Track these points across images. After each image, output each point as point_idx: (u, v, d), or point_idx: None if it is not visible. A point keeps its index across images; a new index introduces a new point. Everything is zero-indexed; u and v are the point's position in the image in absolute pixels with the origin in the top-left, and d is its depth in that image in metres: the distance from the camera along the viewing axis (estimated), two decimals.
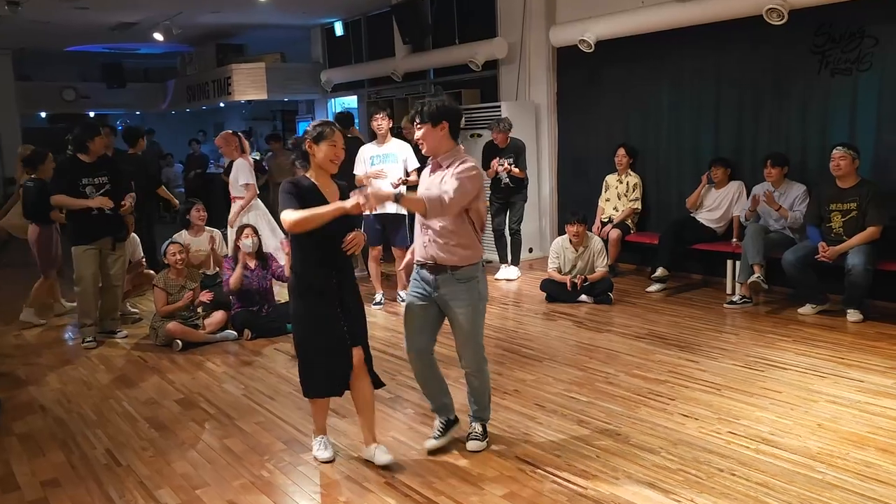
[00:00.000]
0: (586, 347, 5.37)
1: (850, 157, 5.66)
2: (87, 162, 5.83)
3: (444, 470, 3.51)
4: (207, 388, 4.87)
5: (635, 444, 3.69)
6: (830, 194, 5.81)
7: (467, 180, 3.37)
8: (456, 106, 3.57)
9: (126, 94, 15.33)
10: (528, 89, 8.86)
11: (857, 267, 5.49)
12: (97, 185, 5.82)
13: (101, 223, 5.87)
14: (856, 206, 5.66)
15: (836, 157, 5.70)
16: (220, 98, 13.05)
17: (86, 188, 5.79)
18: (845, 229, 5.70)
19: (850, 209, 5.70)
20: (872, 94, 5.95)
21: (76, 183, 5.77)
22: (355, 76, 11.79)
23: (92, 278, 5.91)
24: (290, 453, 3.78)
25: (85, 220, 5.84)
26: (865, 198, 5.62)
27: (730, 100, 6.96)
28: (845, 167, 5.67)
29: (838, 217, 5.75)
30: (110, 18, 11.15)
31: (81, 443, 4.05)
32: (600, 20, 7.60)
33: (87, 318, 5.99)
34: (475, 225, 3.52)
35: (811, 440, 3.64)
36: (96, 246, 5.90)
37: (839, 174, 5.71)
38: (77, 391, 4.92)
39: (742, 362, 4.85)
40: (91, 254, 5.88)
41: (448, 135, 3.48)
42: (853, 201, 5.68)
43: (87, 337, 5.97)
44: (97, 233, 5.89)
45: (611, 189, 7.81)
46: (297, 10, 11.10)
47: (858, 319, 5.64)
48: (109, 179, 5.90)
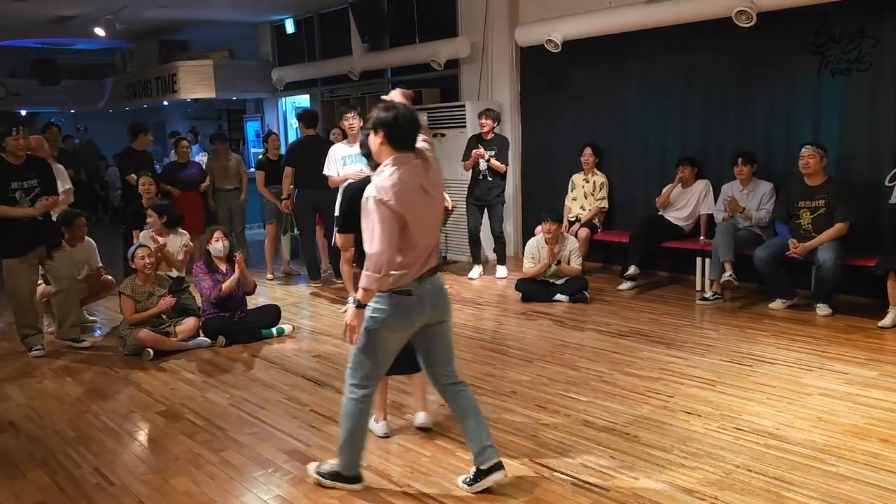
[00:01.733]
0: (571, 346, 5.37)
1: (818, 156, 5.83)
2: (13, 164, 5.36)
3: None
4: (190, 398, 4.65)
5: (646, 443, 3.69)
6: (799, 192, 5.98)
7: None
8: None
9: (60, 92, 14.64)
10: (490, 89, 8.85)
11: (828, 262, 5.67)
12: (26, 189, 5.37)
13: (31, 232, 5.45)
14: (824, 203, 5.84)
15: (805, 156, 5.86)
16: (165, 96, 12.61)
17: (15, 193, 5.33)
18: (814, 226, 5.88)
19: (818, 206, 5.87)
20: (836, 93, 6.16)
21: (5, 188, 5.30)
22: (309, 75, 11.55)
23: (27, 291, 5.56)
24: (295, 465, 3.64)
25: (13, 231, 5.39)
26: (833, 195, 5.80)
27: (696, 100, 7.10)
28: (814, 165, 5.84)
29: (807, 214, 5.92)
30: (48, 12, 10.60)
31: (65, 462, 3.80)
32: (567, 20, 7.64)
33: (29, 329, 5.66)
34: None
35: (815, 433, 3.72)
36: (30, 258, 5.50)
37: (808, 172, 5.88)
38: (47, 406, 4.63)
39: (729, 357, 4.94)
40: (24, 267, 5.50)
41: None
42: (821, 199, 5.85)
43: (35, 346, 5.65)
44: (28, 243, 5.47)
45: (577, 188, 7.87)
46: (248, 7, 10.80)
47: (828, 314, 5.82)
48: (39, 182, 5.43)
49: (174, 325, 5.74)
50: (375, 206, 2.92)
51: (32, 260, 5.53)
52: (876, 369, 4.59)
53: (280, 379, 4.95)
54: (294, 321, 6.28)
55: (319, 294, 7.49)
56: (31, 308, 5.64)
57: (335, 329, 6.12)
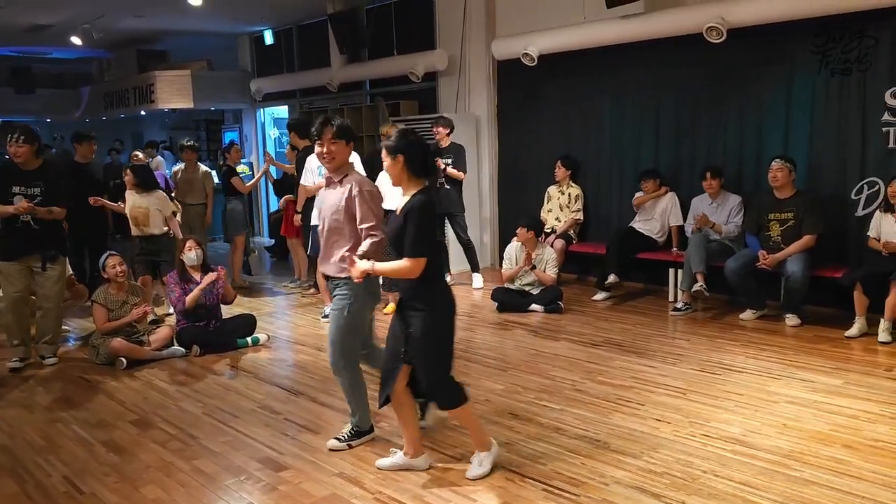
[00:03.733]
0: (546, 356, 5.42)
1: (787, 169, 5.95)
2: (22, 169, 5.35)
3: (433, 483, 3.46)
4: (163, 407, 4.63)
5: (616, 449, 3.74)
6: (769, 205, 6.10)
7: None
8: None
9: (36, 101, 14.51)
10: (467, 101, 8.93)
11: (796, 274, 5.78)
12: (28, 195, 5.32)
13: (28, 238, 5.38)
14: (793, 216, 5.95)
15: (774, 169, 5.99)
16: (142, 106, 12.57)
17: (13, 197, 5.29)
18: (783, 238, 5.99)
19: (787, 219, 5.99)
20: (805, 108, 6.30)
21: (6, 190, 5.29)
22: (287, 86, 11.58)
23: (14, 296, 5.45)
24: (267, 472, 3.64)
25: (8, 234, 5.36)
26: (802, 208, 5.93)
27: (669, 113, 7.23)
28: (782, 178, 5.96)
29: (776, 226, 6.04)
30: (24, 20, 10.55)
31: (34, 470, 3.77)
32: (543, 34, 7.75)
33: (13, 339, 5.57)
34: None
35: (781, 440, 3.79)
36: (22, 264, 5.42)
37: (776, 185, 6.01)
38: (17, 415, 4.59)
39: (699, 366, 5.02)
40: (15, 271, 5.42)
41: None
42: (790, 211, 5.97)
43: (14, 357, 5.57)
44: (22, 249, 5.40)
45: (553, 200, 7.95)
46: (227, 18, 10.82)
47: (797, 324, 5.92)
48: (42, 191, 5.38)
49: (148, 333, 5.72)
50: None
51: (24, 267, 5.43)
52: (841, 377, 4.69)
53: (254, 388, 4.94)
54: (269, 331, 6.27)
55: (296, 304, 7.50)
56: (14, 318, 5.50)
57: (310, 339, 6.13)
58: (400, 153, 3.32)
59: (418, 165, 3.35)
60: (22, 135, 5.32)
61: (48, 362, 5.63)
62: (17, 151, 5.31)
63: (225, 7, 9.86)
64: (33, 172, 5.39)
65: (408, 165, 3.33)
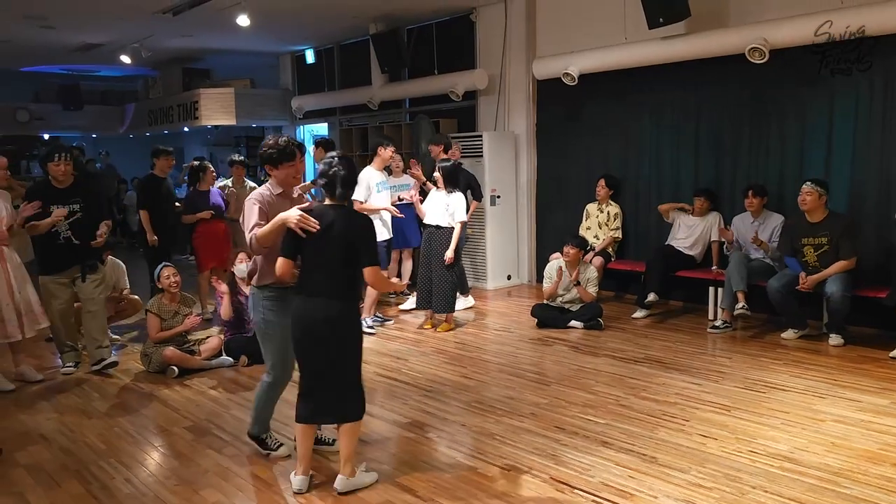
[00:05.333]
0: (588, 371, 5.47)
1: (816, 194, 5.89)
2: (58, 187, 5.53)
3: (482, 492, 3.53)
4: (216, 414, 4.77)
5: (664, 463, 3.79)
6: (802, 228, 6.03)
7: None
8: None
9: (82, 117, 14.92)
10: (506, 120, 9.05)
11: (836, 294, 5.76)
12: (68, 212, 5.51)
13: (68, 253, 5.58)
14: (827, 240, 5.89)
15: (804, 193, 5.94)
16: (186, 122, 12.89)
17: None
18: (820, 262, 5.93)
19: (821, 244, 5.92)
20: (847, 128, 6.31)
21: (45, 209, 5.44)
22: (328, 103, 11.81)
23: (59, 308, 5.65)
24: (323, 478, 3.74)
25: (51, 249, 5.56)
26: (836, 232, 5.86)
27: (709, 133, 7.27)
28: (811, 203, 5.90)
29: (811, 251, 5.98)
30: (76, 39, 10.93)
31: (97, 473, 3.92)
32: (585, 54, 7.86)
33: (63, 347, 5.81)
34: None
35: (829, 457, 3.80)
36: (63, 279, 5.62)
37: (805, 209, 5.95)
38: (77, 420, 4.75)
39: (742, 384, 5.03)
40: (57, 285, 5.61)
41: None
42: (824, 236, 5.91)
43: (67, 363, 5.79)
44: (62, 263, 5.61)
45: (591, 218, 8.02)
46: (271, 37, 11.10)
47: (839, 343, 5.90)
48: (82, 207, 5.58)
49: (198, 343, 5.88)
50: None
51: (66, 279, 5.64)
52: (888, 397, 4.67)
53: None
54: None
55: None
56: (61, 329, 5.73)
57: None
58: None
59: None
60: (68, 153, 5.60)
61: (110, 361, 5.73)
62: (65, 170, 5.53)
63: (270, 27, 10.13)
64: (69, 190, 5.58)
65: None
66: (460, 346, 6.31)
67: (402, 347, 6.32)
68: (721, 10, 6.93)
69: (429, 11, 9.46)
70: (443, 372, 5.55)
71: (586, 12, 8.07)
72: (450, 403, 4.85)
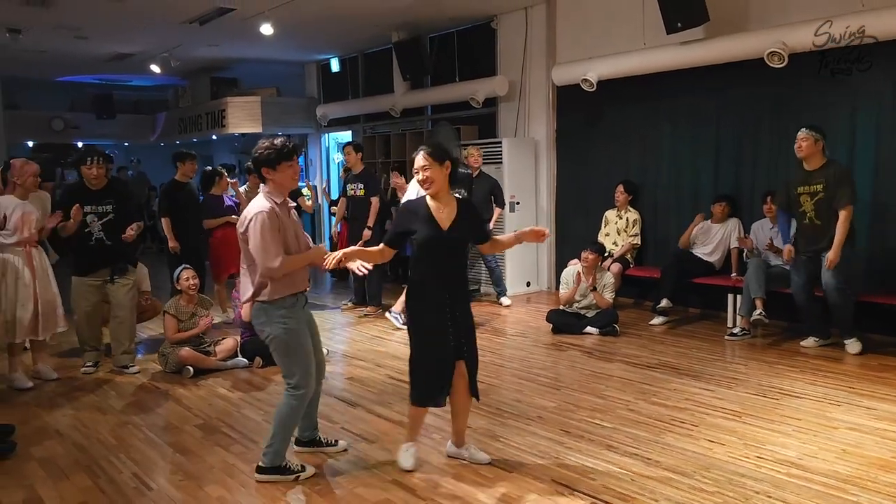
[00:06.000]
0: (599, 376, 5.43)
1: (812, 139, 5.67)
2: (91, 189, 5.67)
3: (483, 494, 3.52)
4: (227, 413, 4.83)
5: (668, 467, 3.74)
6: (798, 178, 5.86)
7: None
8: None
9: (115, 125, 15.30)
10: (527, 126, 9.06)
11: (829, 285, 5.63)
12: (100, 213, 5.63)
13: (99, 254, 5.68)
14: (822, 187, 5.67)
15: (799, 139, 5.74)
16: (213, 130, 13.11)
17: (86, 216, 5.59)
18: (816, 212, 5.73)
19: (816, 191, 5.71)
20: (870, 131, 6.20)
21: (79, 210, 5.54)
22: (352, 111, 11.93)
23: (86, 310, 5.75)
24: (323, 477, 3.77)
25: (82, 250, 5.67)
26: (832, 177, 5.64)
27: (728, 138, 7.19)
28: (807, 149, 5.69)
29: (808, 200, 5.77)
30: (108, 49, 11.21)
31: (106, 467, 3.99)
32: (603, 60, 7.84)
33: (86, 346, 5.91)
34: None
35: (839, 464, 3.72)
36: (94, 278, 5.72)
37: (802, 155, 5.75)
38: (92, 417, 4.85)
39: (756, 391, 4.95)
40: (87, 286, 5.72)
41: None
42: (819, 183, 5.69)
43: (87, 362, 5.90)
44: (94, 264, 5.70)
45: (610, 224, 7.97)
46: (296, 46, 11.26)
47: (857, 350, 5.76)
48: (114, 208, 5.68)
49: (214, 344, 5.96)
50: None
51: (96, 281, 5.73)
52: None
53: None
54: (329, 345, 6.45)
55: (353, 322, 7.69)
56: (86, 329, 5.83)
57: (367, 354, 6.28)
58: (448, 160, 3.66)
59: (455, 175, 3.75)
60: (101, 157, 5.72)
61: (131, 371, 5.84)
62: (97, 173, 5.65)
63: (295, 36, 10.28)
64: (102, 191, 5.69)
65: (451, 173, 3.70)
66: None
67: None
68: (740, 14, 6.87)
69: (450, 19, 9.52)
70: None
71: (605, 19, 8.06)
72: None
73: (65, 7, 8.34)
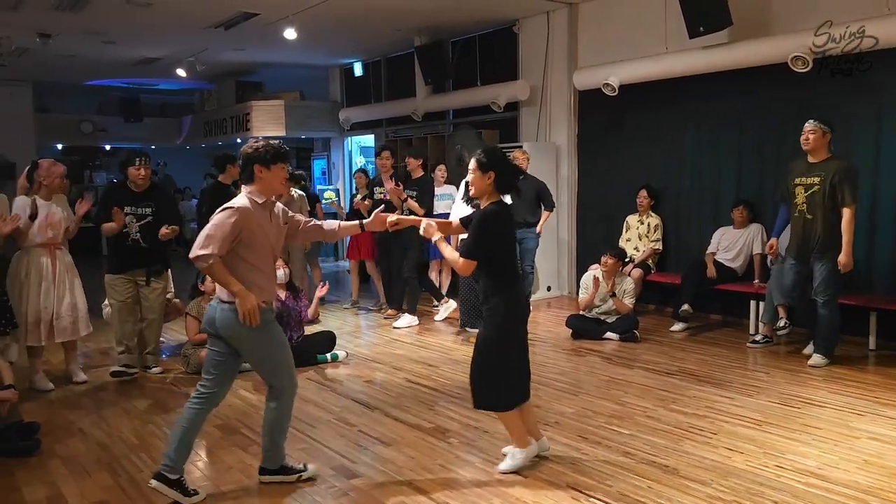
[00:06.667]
0: (618, 382, 5.41)
1: (820, 132, 5.48)
2: (133, 190, 5.71)
3: (499, 498, 3.52)
4: (245, 414, 4.88)
5: (685, 475, 3.72)
6: (798, 169, 5.69)
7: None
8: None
9: (142, 128, 15.52)
10: (548, 131, 9.05)
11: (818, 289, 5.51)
12: (139, 215, 5.65)
13: (135, 254, 5.70)
14: (819, 180, 5.48)
15: (806, 131, 5.55)
16: (238, 134, 13.24)
17: (125, 217, 5.62)
18: (808, 205, 5.54)
19: (812, 184, 5.52)
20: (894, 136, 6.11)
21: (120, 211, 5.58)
22: (374, 115, 12.00)
23: (120, 308, 5.76)
24: (340, 479, 3.79)
25: (119, 250, 5.73)
26: (832, 173, 5.44)
27: (752, 143, 7.12)
28: (815, 141, 5.50)
29: (801, 192, 5.58)
30: (135, 54, 11.38)
31: (127, 466, 4.05)
32: (625, 65, 7.81)
33: (119, 345, 5.89)
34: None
35: (860, 475, 3.67)
36: (128, 277, 5.76)
37: (808, 148, 5.57)
38: (114, 416, 4.93)
39: (777, 399, 4.90)
40: (120, 283, 5.75)
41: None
42: (817, 176, 5.50)
43: (118, 364, 5.85)
44: (129, 264, 5.74)
45: (631, 229, 7.93)
46: (319, 50, 11.35)
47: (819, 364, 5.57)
48: (154, 211, 5.69)
49: None
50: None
51: (129, 280, 5.77)
52: None
53: (331, 401, 5.14)
54: (348, 348, 6.49)
55: (374, 324, 7.72)
56: (119, 328, 5.82)
57: (386, 357, 6.31)
58: (491, 170, 3.66)
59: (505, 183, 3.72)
60: (148, 159, 5.77)
61: (153, 371, 5.92)
62: (145, 174, 5.70)
63: (319, 41, 10.36)
64: (143, 194, 5.72)
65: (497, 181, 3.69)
66: None
67: (434, 355, 6.35)
68: (763, 18, 6.81)
69: (472, 23, 9.54)
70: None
71: (627, 23, 8.03)
72: (474, 410, 4.82)
73: (93, 12, 8.49)
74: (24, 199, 5.46)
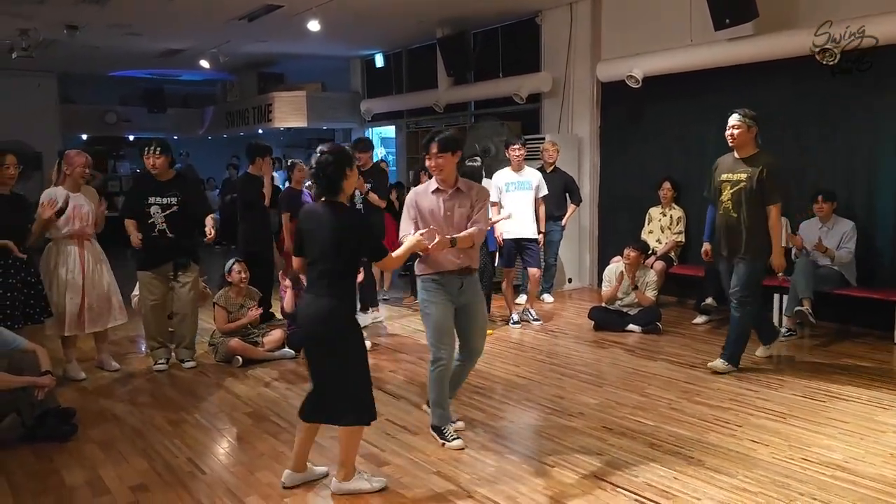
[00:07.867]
0: (642, 374, 5.44)
1: (745, 126, 5.18)
2: (158, 180, 5.63)
3: (525, 486, 3.58)
4: (275, 403, 4.97)
5: (710, 466, 3.75)
6: (724, 165, 5.39)
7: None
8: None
9: (165, 119, 15.67)
10: (570, 122, 9.05)
11: (733, 296, 5.32)
12: (164, 205, 5.55)
13: (162, 248, 5.57)
14: (745, 177, 5.17)
15: (730, 126, 5.23)
16: (260, 125, 13.36)
17: (150, 207, 5.52)
18: (733, 203, 5.23)
19: (738, 180, 5.21)
20: None
21: (142, 200, 5.57)
22: (395, 106, 12.05)
23: (152, 303, 5.71)
24: (369, 467, 3.86)
25: (145, 243, 5.53)
26: (757, 168, 5.14)
27: (777, 137, 7.06)
28: (740, 136, 5.19)
29: (727, 189, 5.28)
30: (159, 45, 11.49)
31: (161, 451, 4.15)
32: (649, 57, 7.79)
33: (153, 342, 5.87)
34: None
35: (886, 468, 3.69)
36: (158, 272, 5.68)
37: (734, 144, 5.27)
38: (148, 402, 5.04)
39: (802, 392, 4.91)
40: (152, 280, 5.69)
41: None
42: (744, 172, 5.20)
43: (159, 359, 5.84)
44: (157, 259, 5.61)
45: (654, 221, 7.93)
46: (341, 42, 11.40)
47: (720, 370, 5.34)
48: (179, 201, 5.57)
49: (262, 335, 6.12)
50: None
51: (161, 275, 5.73)
52: None
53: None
54: (373, 339, 6.56)
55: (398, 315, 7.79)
56: (153, 324, 5.82)
57: (411, 347, 6.38)
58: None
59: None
60: (158, 147, 5.57)
61: (187, 366, 5.89)
62: (155, 163, 5.56)
63: (341, 32, 10.41)
64: (168, 183, 5.64)
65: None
66: (516, 347, 6.37)
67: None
68: (790, 10, 6.77)
69: (495, 15, 9.54)
70: (496, 370, 5.61)
71: (651, 14, 8.00)
72: (499, 401, 4.91)
73: (119, 5, 8.59)
74: (52, 189, 5.48)
